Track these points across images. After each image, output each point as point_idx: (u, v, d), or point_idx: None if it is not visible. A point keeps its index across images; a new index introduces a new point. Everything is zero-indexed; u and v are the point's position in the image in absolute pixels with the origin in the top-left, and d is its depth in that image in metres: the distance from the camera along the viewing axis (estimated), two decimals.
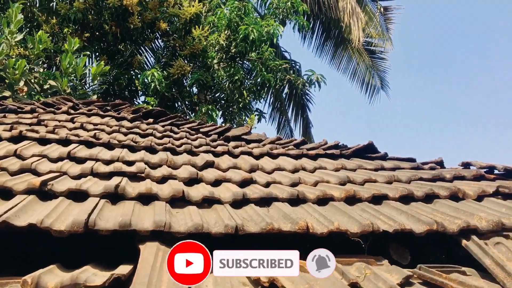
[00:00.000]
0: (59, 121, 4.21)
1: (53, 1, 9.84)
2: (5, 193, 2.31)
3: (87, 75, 9.04)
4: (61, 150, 3.23)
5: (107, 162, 3.10)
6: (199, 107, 9.86)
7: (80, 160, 3.11)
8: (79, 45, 7.58)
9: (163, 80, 9.28)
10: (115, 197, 2.43)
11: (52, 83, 7.03)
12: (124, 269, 1.80)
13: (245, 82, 10.69)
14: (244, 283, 1.78)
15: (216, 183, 2.91)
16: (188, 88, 10.42)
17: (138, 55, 10.83)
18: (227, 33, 9.73)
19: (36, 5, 10.11)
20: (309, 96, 13.36)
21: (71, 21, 9.31)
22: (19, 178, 2.53)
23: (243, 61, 10.74)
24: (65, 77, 7.03)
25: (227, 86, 10.52)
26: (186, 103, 10.70)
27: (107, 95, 10.11)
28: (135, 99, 10.99)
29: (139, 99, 11.09)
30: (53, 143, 3.50)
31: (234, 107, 11.09)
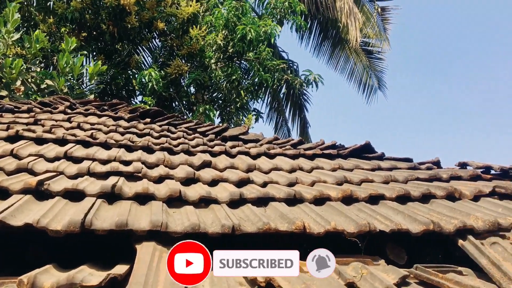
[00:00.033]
0: (56, 121, 4.20)
1: (50, 1, 9.83)
2: (1, 193, 2.30)
3: (84, 75, 9.04)
4: (57, 149, 3.23)
5: (104, 161, 3.09)
6: (197, 107, 9.86)
7: (76, 159, 3.11)
8: (76, 45, 7.57)
9: (161, 79, 9.28)
10: (111, 197, 2.42)
11: (49, 82, 7.02)
12: (120, 269, 1.80)
13: (242, 82, 10.71)
14: (240, 283, 1.77)
15: (213, 183, 2.90)
16: (185, 88, 10.42)
17: (135, 55, 10.82)
18: (224, 33, 9.74)
19: (33, 5, 10.10)
20: (306, 96, 13.39)
21: (68, 21, 9.31)
22: (16, 177, 2.52)
23: (240, 61, 10.74)
24: (62, 76, 7.02)
25: (224, 86, 10.53)
26: (183, 103, 10.70)
27: (104, 95, 10.10)
28: (132, 98, 10.99)
29: (136, 98, 11.10)
30: (50, 142, 3.49)
31: (231, 107, 11.10)
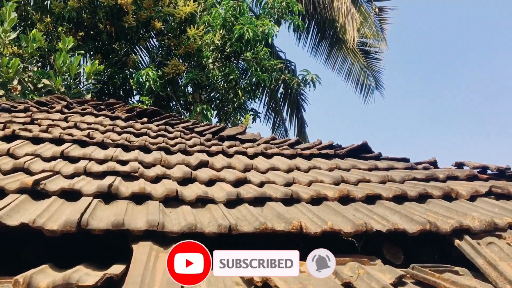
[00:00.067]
0: (53, 120, 4.19)
1: (47, 0, 9.79)
2: None
3: (81, 74, 8.98)
4: (54, 149, 3.22)
5: (100, 161, 3.08)
6: (194, 107, 9.85)
7: (73, 159, 3.10)
8: (73, 44, 7.55)
9: (158, 79, 9.26)
10: (108, 196, 2.42)
11: (46, 82, 7.01)
12: (116, 268, 1.79)
13: (240, 81, 10.70)
14: (237, 282, 1.77)
15: (210, 182, 2.90)
16: (183, 87, 10.41)
17: (132, 54, 10.79)
18: (222, 33, 9.73)
19: (30, 4, 10.07)
20: (304, 96, 13.41)
21: (65, 20, 9.28)
22: (12, 177, 2.51)
23: (238, 60, 10.74)
24: (59, 76, 7.00)
25: (222, 85, 10.53)
26: (181, 102, 10.69)
27: (102, 94, 10.07)
28: (129, 98, 10.97)
29: (133, 98, 11.08)
30: (46, 142, 3.48)
31: (229, 107, 11.10)
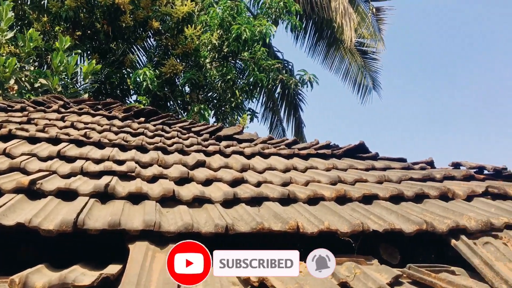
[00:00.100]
0: (49, 120, 4.17)
1: None
2: None
3: (78, 74, 9.00)
4: (50, 149, 3.21)
5: (97, 161, 3.08)
6: (191, 107, 9.84)
7: (70, 159, 3.09)
8: (70, 44, 7.53)
9: (155, 79, 9.25)
10: (104, 196, 2.41)
11: (43, 81, 6.99)
12: (113, 268, 1.79)
13: (237, 81, 10.70)
14: (234, 282, 1.77)
15: (207, 182, 2.89)
16: (180, 87, 10.40)
17: (130, 54, 10.78)
18: (219, 33, 9.73)
19: (27, 3, 10.04)
20: (301, 96, 13.43)
21: (62, 19, 9.26)
22: (8, 177, 2.50)
23: (235, 60, 10.74)
24: (56, 75, 6.99)
25: (219, 85, 10.52)
26: (178, 102, 10.67)
27: (99, 94, 10.06)
28: (127, 98, 10.95)
29: (131, 98, 11.06)
30: (43, 142, 3.47)
31: (226, 107, 11.09)
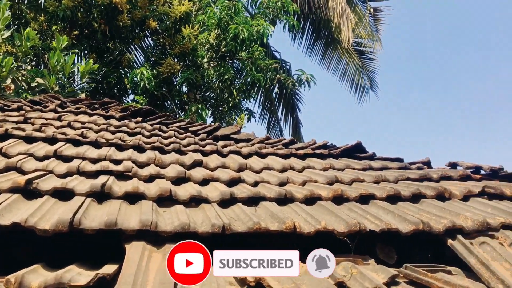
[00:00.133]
0: (46, 119, 4.16)
1: None
2: None
3: (75, 73, 8.95)
4: (47, 148, 3.20)
5: (94, 160, 3.07)
6: (189, 106, 9.84)
7: (66, 158, 3.09)
8: (67, 43, 7.53)
9: (153, 78, 9.25)
10: (101, 196, 2.41)
11: (40, 81, 6.97)
12: (109, 268, 1.78)
13: (235, 81, 10.70)
14: (230, 282, 1.77)
15: (204, 182, 2.89)
16: (177, 87, 10.39)
17: (127, 54, 10.77)
18: (217, 32, 9.73)
19: (24, 2, 10.01)
20: (299, 96, 13.41)
21: (59, 19, 9.23)
22: (4, 176, 2.50)
23: (233, 60, 10.74)
24: (53, 75, 6.97)
25: (217, 85, 10.52)
26: (175, 102, 10.67)
27: (96, 94, 10.04)
28: (124, 97, 10.95)
29: (128, 97, 11.06)
30: (40, 141, 3.46)
31: (224, 106, 11.10)
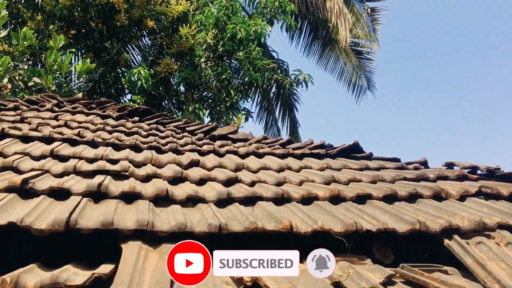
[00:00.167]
0: (43, 119, 4.15)
1: None
2: None
3: (72, 73, 8.97)
4: (44, 148, 3.19)
5: (90, 160, 3.06)
6: (186, 106, 9.84)
7: (63, 158, 3.08)
8: (64, 42, 7.50)
9: (150, 78, 9.23)
10: (97, 195, 2.40)
11: (36, 80, 6.95)
12: (105, 268, 1.78)
13: (232, 81, 10.70)
14: (227, 282, 1.77)
15: (201, 182, 2.89)
16: (175, 86, 10.38)
17: (124, 53, 10.76)
18: (214, 32, 9.72)
19: (21, 1, 9.98)
20: (296, 95, 13.45)
21: (56, 18, 9.22)
22: (0, 176, 2.49)
23: (230, 60, 10.74)
24: (50, 74, 6.96)
25: (214, 85, 10.52)
26: (173, 101, 10.66)
27: (93, 93, 10.02)
28: (121, 97, 10.93)
29: (125, 97, 11.04)
30: (36, 141, 3.45)
31: (221, 106, 11.09)
